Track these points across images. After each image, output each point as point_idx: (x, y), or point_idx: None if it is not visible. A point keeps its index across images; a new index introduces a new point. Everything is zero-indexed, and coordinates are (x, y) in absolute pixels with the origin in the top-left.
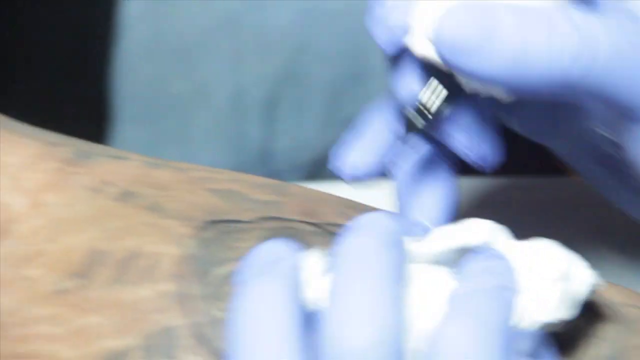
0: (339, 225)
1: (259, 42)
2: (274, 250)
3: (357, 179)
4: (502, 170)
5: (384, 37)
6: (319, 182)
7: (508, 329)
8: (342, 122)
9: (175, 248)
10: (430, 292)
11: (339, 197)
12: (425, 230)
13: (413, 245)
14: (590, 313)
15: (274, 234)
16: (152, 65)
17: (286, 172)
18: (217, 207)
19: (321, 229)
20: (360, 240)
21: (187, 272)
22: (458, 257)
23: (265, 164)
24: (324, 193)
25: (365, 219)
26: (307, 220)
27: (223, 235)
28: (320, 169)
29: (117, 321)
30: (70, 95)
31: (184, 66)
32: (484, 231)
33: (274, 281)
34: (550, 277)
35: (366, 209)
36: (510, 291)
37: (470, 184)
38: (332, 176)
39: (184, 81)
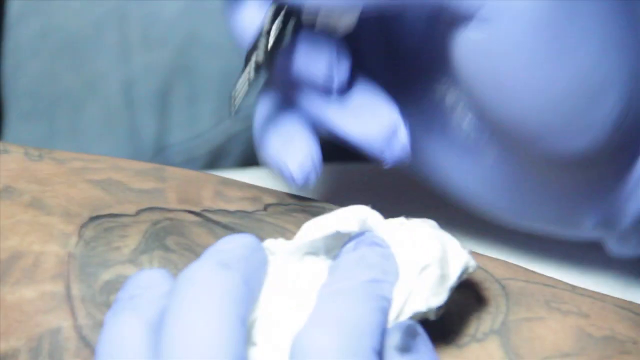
0: (218, 211)
1: (147, 34)
2: (144, 280)
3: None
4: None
5: None
6: (216, 172)
7: (375, 328)
8: (235, 113)
9: (58, 247)
10: (303, 289)
11: (216, 176)
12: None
13: (283, 244)
14: (476, 289)
15: (156, 228)
16: (40, 60)
17: (182, 164)
18: (99, 200)
19: (202, 218)
20: (194, 266)
21: (71, 272)
22: (339, 245)
23: (160, 157)
24: (202, 173)
25: (212, 246)
26: (188, 208)
27: (106, 232)
28: (216, 160)
29: (2, 323)
30: None
31: (72, 60)
32: (358, 217)
33: (131, 317)
34: (422, 264)
35: (242, 185)
36: (383, 283)
37: (341, 170)
38: (228, 167)
39: (73, 75)
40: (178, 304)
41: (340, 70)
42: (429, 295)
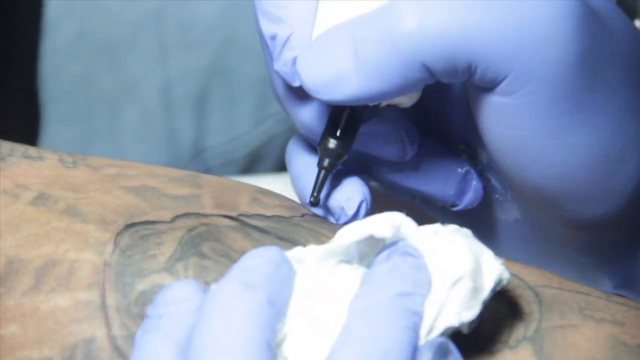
0: (255, 216)
1: (185, 37)
2: (173, 296)
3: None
4: None
5: (287, 69)
6: (253, 176)
7: (405, 349)
8: (273, 116)
9: (93, 255)
10: (335, 298)
11: (253, 185)
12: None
13: (314, 250)
14: (510, 296)
15: (191, 235)
16: (78, 62)
17: (220, 167)
18: (134, 206)
19: (239, 222)
20: (219, 288)
21: (106, 281)
22: (373, 252)
23: (198, 160)
24: (236, 181)
25: (237, 263)
26: (224, 213)
27: (142, 240)
28: (254, 163)
29: (36, 331)
30: (0, 98)
31: (110, 62)
32: (392, 223)
33: (160, 338)
34: (455, 277)
35: (280, 195)
36: (415, 296)
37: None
38: (265, 171)
39: (111, 77)
40: (203, 330)
41: (412, 146)
42: (461, 309)
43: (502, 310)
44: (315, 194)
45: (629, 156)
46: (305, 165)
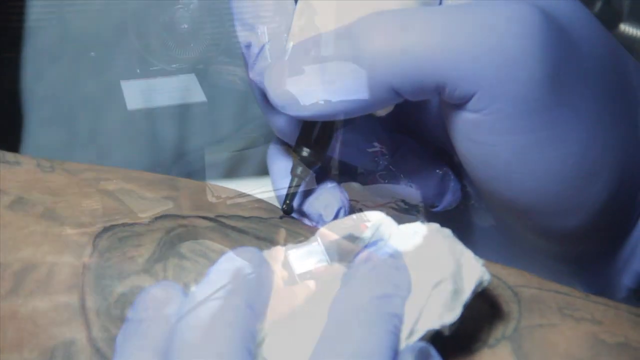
0: (233, 217)
1: (167, 39)
2: (153, 300)
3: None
4: None
5: (262, 79)
6: (235, 180)
7: (386, 355)
8: (256, 118)
9: (72, 258)
10: (314, 298)
11: (229, 188)
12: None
13: (293, 248)
14: (489, 296)
15: (170, 236)
16: (60, 66)
17: (202, 170)
18: (112, 209)
19: (217, 223)
20: (198, 294)
21: (85, 284)
22: (353, 251)
23: (180, 164)
24: (214, 185)
25: (214, 266)
26: (202, 214)
27: (120, 242)
28: (237, 166)
29: (15, 335)
30: None
31: (92, 66)
32: (372, 222)
33: (140, 344)
34: (435, 279)
35: (255, 199)
36: (395, 298)
37: None
38: (248, 174)
39: (93, 81)
40: (183, 338)
41: (385, 154)
42: (442, 311)
43: (481, 310)
44: (287, 201)
45: (599, 170)
46: (283, 170)
